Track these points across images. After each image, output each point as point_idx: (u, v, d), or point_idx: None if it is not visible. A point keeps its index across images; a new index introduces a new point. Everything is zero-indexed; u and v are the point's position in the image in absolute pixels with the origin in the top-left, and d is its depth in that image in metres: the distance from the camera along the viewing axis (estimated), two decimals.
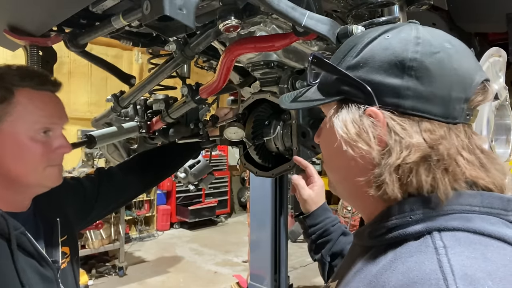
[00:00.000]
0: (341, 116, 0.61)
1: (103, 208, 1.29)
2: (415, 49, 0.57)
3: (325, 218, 1.12)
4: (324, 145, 0.69)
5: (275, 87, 1.30)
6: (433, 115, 0.56)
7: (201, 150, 1.63)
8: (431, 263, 0.49)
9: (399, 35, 0.59)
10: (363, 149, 0.58)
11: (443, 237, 0.52)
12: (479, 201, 0.55)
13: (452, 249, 0.50)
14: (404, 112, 0.56)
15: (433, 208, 0.55)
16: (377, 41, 0.60)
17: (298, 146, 1.24)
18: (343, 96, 0.61)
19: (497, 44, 1.22)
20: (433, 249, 0.51)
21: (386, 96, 0.57)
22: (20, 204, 0.99)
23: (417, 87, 0.56)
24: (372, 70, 0.58)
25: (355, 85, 0.59)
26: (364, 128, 0.58)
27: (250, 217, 4.28)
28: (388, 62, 0.57)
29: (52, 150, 0.97)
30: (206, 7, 0.99)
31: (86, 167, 5.17)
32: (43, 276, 0.94)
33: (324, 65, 0.63)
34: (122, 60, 6.91)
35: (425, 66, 0.56)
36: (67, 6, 1.04)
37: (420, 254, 0.52)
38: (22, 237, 0.92)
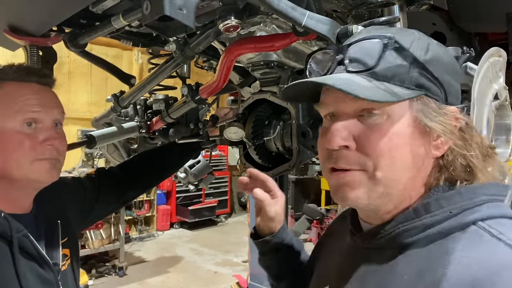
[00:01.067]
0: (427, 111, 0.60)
1: (103, 209, 1.29)
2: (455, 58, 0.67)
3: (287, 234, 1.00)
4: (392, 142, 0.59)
5: (275, 87, 1.30)
6: None
7: (201, 150, 1.63)
8: (504, 249, 0.52)
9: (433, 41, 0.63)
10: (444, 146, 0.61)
11: (491, 225, 0.55)
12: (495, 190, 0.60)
13: (507, 233, 0.53)
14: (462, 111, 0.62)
15: (467, 200, 0.58)
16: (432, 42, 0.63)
17: (298, 146, 1.24)
18: (424, 92, 0.60)
19: (497, 44, 1.22)
20: (492, 236, 0.53)
21: (452, 97, 0.62)
22: (22, 205, 0.98)
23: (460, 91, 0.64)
24: (445, 70, 0.61)
25: (436, 82, 0.60)
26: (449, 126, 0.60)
27: (250, 217, 4.28)
28: (452, 65, 0.63)
29: (38, 142, 0.93)
30: (206, 7, 0.99)
31: (86, 167, 5.17)
32: (44, 279, 0.94)
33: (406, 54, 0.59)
34: (122, 60, 6.91)
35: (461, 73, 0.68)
36: (67, 6, 1.04)
37: (480, 244, 0.53)
38: (24, 239, 0.91)
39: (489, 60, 1.08)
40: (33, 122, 0.93)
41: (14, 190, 0.96)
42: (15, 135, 0.90)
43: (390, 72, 0.59)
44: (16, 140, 0.90)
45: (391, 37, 0.59)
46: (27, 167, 0.92)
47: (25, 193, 0.98)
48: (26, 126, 0.92)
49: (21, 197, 0.98)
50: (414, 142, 0.60)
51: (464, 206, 0.57)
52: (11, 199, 0.96)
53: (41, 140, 0.93)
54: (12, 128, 0.90)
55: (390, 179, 0.60)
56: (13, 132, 0.90)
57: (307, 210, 7.14)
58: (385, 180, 0.60)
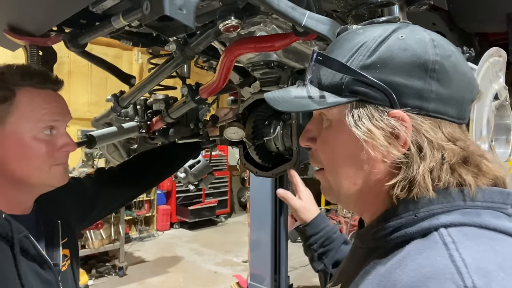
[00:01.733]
0: (359, 119, 0.58)
1: (103, 209, 1.29)
2: (435, 52, 0.57)
3: (325, 226, 1.11)
4: (330, 149, 0.64)
5: (275, 87, 1.30)
6: (450, 116, 0.58)
7: (201, 150, 1.63)
8: (443, 258, 0.50)
9: (414, 36, 0.59)
10: (390, 152, 0.57)
11: (450, 232, 0.53)
12: (481, 196, 0.56)
13: (461, 243, 0.51)
14: (427, 114, 0.57)
15: (437, 205, 0.56)
16: (392, 41, 0.58)
17: (298, 146, 1.24)
18: (359, 98, 0.58)
19: (497, 44, 1.22)
20: (443, 244, 0.52)
21: (408, 98, 0.57)
22: (24, 206, 0.98)
23: (439, 90, 0.57)
24: (393, 71, 0.57)
25: (374, 86, 0.57)
26: (389, 131, 0.57)
27: (250, 217, 4.28)
28: (409, 63, 0.57)
29: (56, 148, 0.96)
30: (206, 7, 0.99)
31: (86, 167, 5.17)
32: (44, 279, 0.94)
33: (334, 63, 0.60)
34: (122, 60, 6.91)
35: (445, 68, 0.57)
36: (67, 6, 1.04)
37: (430, 251, 0.52)
38: (25, 240, 0.91)
39: (489, 60, 1.08)
40: (51, 129, 0.95)
41: (22, 193, 0.97)
42: (35, 142, 0.92)
43: (326, 81, 0.61)
44: (36, 147, 0.92)
45: (314, 50, 0.62)
46: (45, 173, 0.95)
47: (32, 196, 0.99)
48: (45, 133, 0.94)
49: (26, 200, 0.99)
50: (350, 148, 0.60)
51: (432, 211, 0.56)
52: (14, 201, 0.96)
53: (58, 146, 0.96)
54: (33, 135, 0.92)
55: (336, 181, 0.64)
56: (34, 139, 0.92)
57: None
58: (333, 181, 0.65)
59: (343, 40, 0.63)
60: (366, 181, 0.61)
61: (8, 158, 0.91)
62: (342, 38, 0.65)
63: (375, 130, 0.57)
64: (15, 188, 0.94)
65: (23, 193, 0.97)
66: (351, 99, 0.59)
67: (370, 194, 0.62)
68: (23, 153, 0.92)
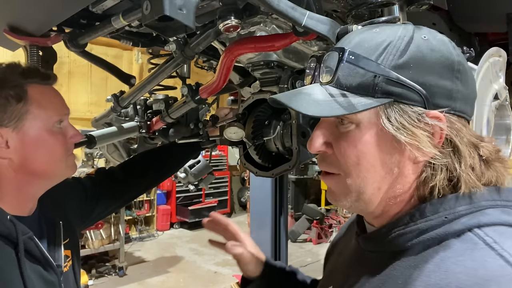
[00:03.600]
0: (396, 121, 0.57)
1: (103, 209, 1.29)
2: (456, 53, 0.59)
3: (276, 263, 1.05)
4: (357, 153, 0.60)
5: (275, 87, 1.30)
6: (468, 115, 0.61)
7: (201, 150, 1.63)
8: (494, 259, 0.50)
9: (435, 37, 0.60)
10: (429, 152, 0.57)
11: (487, 233, 0.53)
12: (498, 196, 0.58)
13: (503, 243, 0.51)
14: (455, 114, 0.59)
15: (464, 206, 0.56)
16: (418, 41, 0.58)
17: (298, 146, 1.24)
18: (393, 98, 0.57)
19: (497, 44, 1.22)
20: (485, 245, 0.52)
21: (440, 99, 0.57)
22: (29, 208, 0.99)
23: (463, 90, 0.59)
24: (425, 72, 0.57)
25: (408, 87, 0.56)
26: (428, 131, 0.57)
27: (250, 217, 4.28)
28: (440, 64, 0.58)
29: (67, 139, 1.01)
30: (206, 7, 0.99)
31: (86, 167, 5.17)
32: (47, 280, 0.94)
33: (368, 63, 0.57)
34: (122, 60, 6.91)
35: (465, 69, 0.59)
36: (67, 6, 1.04)
37: (472, 252, 0.52)
38: (30, 241, 0.91)
39: (489, 60, 1.08)
40: (61, 122, 1.00)
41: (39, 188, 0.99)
42: (51, 135, 0.97)
43: (353, 83, 0.58)
44: (54, 140, 0.97)
45: (344, 49, 0.59)
46: (64, 163, 1.00)
47: (43, 188, 1.02)
48: (57, 125, 0.98)
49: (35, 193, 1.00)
50: (382, 151, 0.59)
51: (461, 212, 0.56)
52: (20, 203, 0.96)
53: (68, 137, 1.01)
54: (49, 130, 0.96)
55: (359, 186, 0.61)
56: (50, 133, 0.96)
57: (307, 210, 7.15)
58: (355, 186, 0.61)
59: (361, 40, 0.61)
60: (392, 184, 0.60)
61: (30, 155, 0.94)
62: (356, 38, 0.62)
63: (415, 130, 0.57)
64: (34, 184, 0.97)
65: (40, 187, 1.00)
66: (386, 100, 0.57)
67: (393, 197, 0.61)
68: (45, 148, 0.95)
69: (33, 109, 0.93)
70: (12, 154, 0.92)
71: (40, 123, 0.94)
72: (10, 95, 0.90)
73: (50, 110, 0.96)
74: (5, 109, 0.90)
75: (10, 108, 0.90)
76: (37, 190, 1.00)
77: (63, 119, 1.00)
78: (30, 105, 0.93)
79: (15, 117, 0.91)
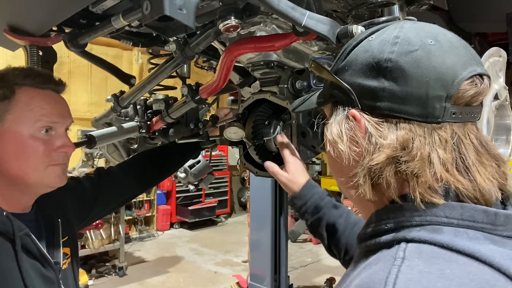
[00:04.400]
0: (331, 119, 0.63)
1: (103, 208, 1.29)
2: (391, 49, 0.56)
3: (312, 195, 1.09)
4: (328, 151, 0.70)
5: (275, 87, 1.30)
6: (410, 115, 0.55)
7: (201, 150, 1.63)
8: (383, 272, 0.49)
9: (380, 36, 0.60)
10: (341, 150, 0.60)
11: (407, 248, 0.51)
12: (459, 214, 0.52)
13: (409, 261, 0.49)
14: (381, 113, 0.56)
15: (407, 217, 0.54)
16: (362, 43, 0.61)
17: (298, 146, 1.24)
18: (333, 100, 0.63)
19: (497, 44, 1.22)
20: (393, 259, 0.50)
21: (365, 98, 0.58)
22: (24, 205, 0.99)
23: (393, 88, 0.55)
24: (354, 73, 0.59)
25: (342, 88, 0.60)
26: (344, 130, 0.60)
27: (250, 217, 4.28)
28: (366, 64, 0.58)
29: (53, 149, 0.96)
30: (206, 7, 0.99)
31: (86, 167, 5.17)
32: (45, 277, 0.94)
33: (320, 70, 0.65)
34: (122, 60, 6.91)
35: (400, 66, 0.55)
36: (67, 6, 1.04)
37: (381, 263, 0.51)
38: (26, 238, 0.91)
39: (489, 60, 1.08)
40: (49, 129, 0.95)
41: (20, 193, 0.97)
42: (32, 140, 0.92)
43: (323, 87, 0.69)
44: (33, 146, 0.93)
45: (312, 59, 0.71)
46: (41, 172, 0.94)
47: (31, 196, 1.00)
48: (42, 132, 0.94)
49: (24, 200, 0.99)
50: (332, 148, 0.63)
51: (401, 223, 0.54)
52: (14, 200, 0.96)
53: (56, 146, 0.96)
54: (30, 134, 0.92)
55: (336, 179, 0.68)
56: (31, 137, 0.92)
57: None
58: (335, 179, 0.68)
59: None
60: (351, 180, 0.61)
61: (5, 156, 0.92)
62: None
63: (334, 130, 0.61)
64: (13, 188, 0.95)
65: (22, 193, 0.97)
66: (328, 102, 0.65)
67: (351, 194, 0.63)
68: (20, 151, 0.92)
69: (16, 110, 0.91)
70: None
71: (22, 126, 0.91)
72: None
73: (36, 115, 0.93)
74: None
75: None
76: (20, 196, 0.97)
77: (52, 126, 0.95)
78: (14, 106, 0.90)
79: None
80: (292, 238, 6.69)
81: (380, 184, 0.56)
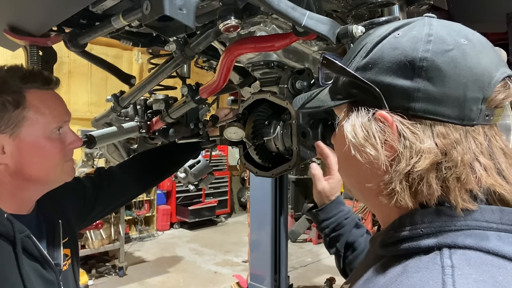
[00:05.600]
0: (350, 120, 0.58)
1: (103, 208, 1.29)
2: (426, 48, 0.53)
3: (338, 212, 1.09)
4: (336, 149, 0.66)
5: (275, 87, 1.30)
6: (446, 117, 0.52)
7: (201, 150, 1.63)
8: (435, 282, 0.47)
9: (409, 33, 0.56)
10: (371, 154, 0.55)
11: (452, 255, 0.49)
12: (498, 218, 0.52)
13: (460, 269, 0.47)
14: (415, 115, 0.53)
15: (446, 222, 0.52)
16: (387, 40, 0.57)
17: (298, 146, 1.24)
18: (353, 99, 0.59)
19: (497, 44, 1.22)
20: (440, 267, 0.48)
21: (396, 99, 0.54)
22: (31, 205, 1.00)
23: (428, 89, 0.52)
24: (381, 72, 0.55)
25: (364, 88, 0.56)
26: (372, 133, 0.55)
27: (250, 217, 4.28)
28: (397, 62, 0.54)
29: (66, 145, 1.00)
30: (206, 7, 0.99)
31: (86, 167, 5.17)
32: (46, 279, 0.94)
33: (334, 66, 0.60)
34: (122, 60, 6.91)
35: (437, 65, 0.52)
36: (67, 6, 1.04)
37: (426, 271, 0.49)
38: (27, 240, 0.91)
39: None
40: (60, 128, 0.99)
41: (34, 193, 0.99)
42: (49, 142, 0.96)
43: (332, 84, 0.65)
44: (52, 146, 0.96)
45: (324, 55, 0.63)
46: (60, 169, 0.99)
47: (39, 193, 1.01)
48: (56, 132, 0.97)
49: (35, 198, 1.00)
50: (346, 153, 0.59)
51: (440, 228, 0.52)
52: (25, 200, 0.97)
53: (67, 143, 1.00)
54: (47, 136, 0.95)
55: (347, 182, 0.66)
56: (47, 139, 0.96)
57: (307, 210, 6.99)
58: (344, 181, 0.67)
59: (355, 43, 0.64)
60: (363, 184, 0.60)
61: (26, 161, 0.93)
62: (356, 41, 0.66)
63: (359, 132, 0.56)
64: (27, 188, 0.96)
65: (35, 193, 0.99)
66: (344, 101, 0.60)
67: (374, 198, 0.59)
68: (41, 153, 0.94)
69: (31, 116, 0.92)
70: (8, 159, 0.92)
71: (38, 130, 0.93)
72: (8, 100, 0.89)
73: (48, 117, 0.95)
74: (2, 116, 0.89)
75: (7, 115, 0.90)
76: (33, 194, 0.99)
77: (62, 125, 0.99)
78: (28, 111, 0.92)
79: (12, 123, 0.90)
80: (292, 238, 6.69)
81: (416, 190, 0.53)
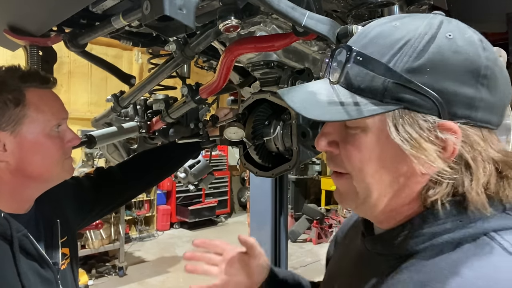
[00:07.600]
0: (404, 130, 0.52)
1: (102, 208, 1.29)
2: (486, 55, 0.52)
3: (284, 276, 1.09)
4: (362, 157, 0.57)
5: (275, 87, 1.30)
6: (492, 124, 0.54)
7: (201, 150, 1.63)
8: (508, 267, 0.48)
9: (462, 36, 0.52)
10: (437, 166, 0.52)
11: (504, 236, 0.51)
12: None
13: None
14: (475, 124, 0.52)
15: (480, 210, 0.53)
16: (440, 41, 0.51)
17: (298, 146, 1.24)
18: (403, 105, 0.52)
19: (497, 44, 1.22)
20: (503, 250, 0.49)
21: (458, 107, 0.51)
22: (30, 203, 1.00)
23: (488, 98, 0.51)
24: (444, 77, 0.50)
25: (422, 93, 0.51)
26: (438, 143, 0.52)
27: (250, 217, 4.28)
28: (462, 68, 0.51)
29: (64, 143, 1.01)
30: (206, 7, 0.99)
31: (86, 167, 5.17)
32: (44, 278, 0.95)
33: (377, 66, 0.53)
34: (122, 60, 6.92)
35: (495, 74, 0.52)
36: (67, 6, 1.04)
37: (489, 257, 0.50)
38: (24, 239, 0.92)
39: None
40: (59, 125, 1.00)
41: (34, 191, 0.99)
42: (49, 139, 0.97)
43: (362, 84, 0.54)
44: (52, 144, 0.97)
45: (352, 49, 0.55)
46: (61, 167, 1.01)
47: (39, 191, 1.02)
48: (55, 129, 0.99)
49: (35, 196, 1.01)
50: (387, 160, 0.55)
51: (477, 216, 0.52)
52: (24, 199, 0.98)
53: (66, 140, 1.02)
54: (47, 133, 0.97)
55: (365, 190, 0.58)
56: (47, 136, 0.97)
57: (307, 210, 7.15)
58: (360, 189, 0.59)
59: (377, 35, 0.55)
60: (397, 193, 0.57)
61: (27, 159, 0.94)
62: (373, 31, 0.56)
63: (423, 143, 0.51)
64: (27, 186, 0.96)
65: (35, 190, 1.00)
66: (394, 107, 0.52)
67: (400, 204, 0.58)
68: (42, 151, 0.96)
69: (31, 113, 0.93)
70: (9, 157, 0.92)
71: (38, 127, 0.95)
72: (8, 99, 0.91)
73: (48, 114, 0.96)
74: (3, 113, 0.90)
75: (8, 112, 0.91)
76: (33, 192, 1.00)
77: (61, 123, 1.00)
78: (28, 109, 0.93)
79: (12, 121, 0.91)
80: (292, 238, 6.69)
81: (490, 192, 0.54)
